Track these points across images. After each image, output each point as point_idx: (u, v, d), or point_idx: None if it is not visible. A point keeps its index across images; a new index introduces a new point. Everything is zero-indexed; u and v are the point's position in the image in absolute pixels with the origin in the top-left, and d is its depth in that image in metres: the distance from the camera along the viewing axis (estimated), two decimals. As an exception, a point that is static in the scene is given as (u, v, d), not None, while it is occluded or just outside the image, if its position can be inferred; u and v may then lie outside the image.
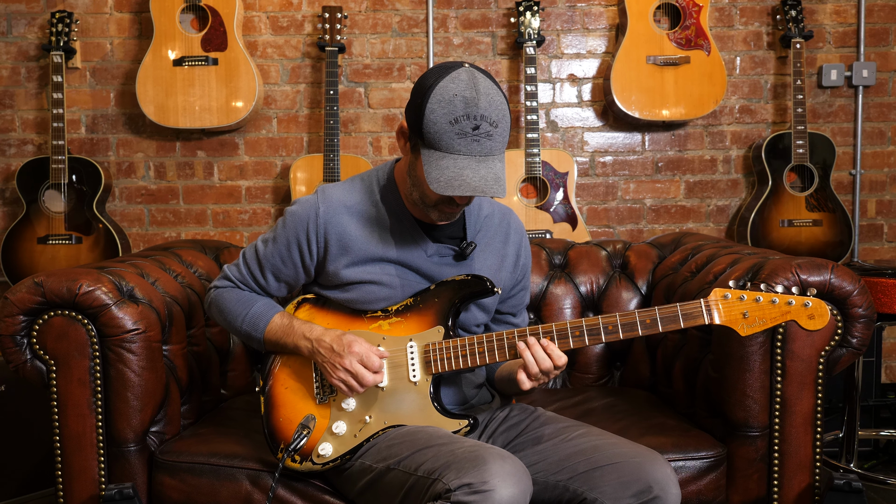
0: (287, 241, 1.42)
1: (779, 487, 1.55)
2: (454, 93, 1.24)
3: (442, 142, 1.25)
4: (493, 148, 1.26)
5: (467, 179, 1.24)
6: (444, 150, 1.25)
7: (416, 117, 1.27)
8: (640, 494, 1.23)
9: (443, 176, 1.24)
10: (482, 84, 1.26)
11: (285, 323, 1.42)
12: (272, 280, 1.46)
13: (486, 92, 1.25)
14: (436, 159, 1.25)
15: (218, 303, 1.49)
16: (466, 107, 1.23)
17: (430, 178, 1.25)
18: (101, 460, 1.55)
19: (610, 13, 2.71)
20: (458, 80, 1.25)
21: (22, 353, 1.54)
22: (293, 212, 1.42)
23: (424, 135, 1.26)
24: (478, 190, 1.24)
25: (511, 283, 1.52)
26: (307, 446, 1.40)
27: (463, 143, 1.24)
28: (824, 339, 1.52)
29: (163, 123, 2.55)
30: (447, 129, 1.24)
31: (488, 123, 1.24)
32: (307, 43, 2.72)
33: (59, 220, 2.55)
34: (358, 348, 1.35)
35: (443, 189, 1.24)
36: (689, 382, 1.73)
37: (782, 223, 2.57)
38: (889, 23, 2.71)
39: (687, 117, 2.58)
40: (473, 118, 1.23)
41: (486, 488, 1.14)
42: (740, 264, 1.64)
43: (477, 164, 1.25)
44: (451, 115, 1.24)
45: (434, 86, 1.26)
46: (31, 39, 2.72)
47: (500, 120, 1.26)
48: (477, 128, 1.24)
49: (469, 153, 1.25)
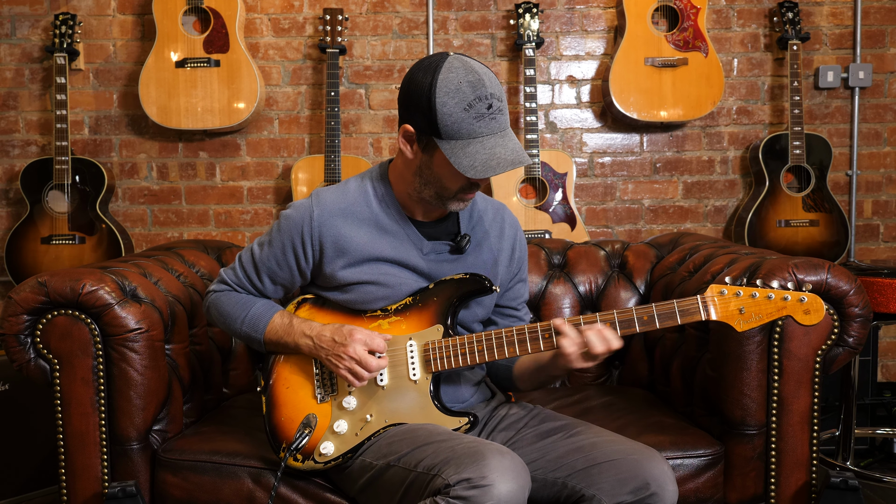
0: (282, 245, 1.42)
1: (776, 485, 1.56)
2: (458, 80, 1.27)
3: (463, 129, 1.27)
4: (505, 122, 1.31)
5: (501, 156, 1.27)
6: (468, 137, 1.28)
7: (426, 116, 1.28)
8: (638, 491, 1.23)
9: (476, 161, 1.27)
10: (476, 66, 1.30)
11: (285, 322, 1.43)
12: (268, 283, 1.47)
13: (484, 72, 1.30)
14: (461, 147, 1.28)
15: (217, 306, 1.49)
16: (475, 90, 1.27)
17: (462, 166, 1.27)
18: (105, 458, 1.55)
19: (608, 15, 2.73)
20: (455, 68, 1.28)
21: (26, 352, 1.54)
22: (288, 216, 1.43)
23: (441, 129, 1.28)
24: (515, 162, 1.28)
25: (508, 276, 1.53)
26: (309, 445, 1.40)
27: (483, 124, 1.27)
28: (821, 338, 1.53)
29: (165, 124, 2.57)
30: (464, 116, 1.27)
31: (497, 100, 1.29)
32: (308, 45, 2.74)
33: (62, 221, 2.56)
34: (360, 335, 1.36)
35: (482, 173, 1.27)
36: (687, 381, 1.74)
37: (779, 223, 2.58)
38: (885, 25, 2.72)
39: (685, 118, 2.60)
40: (485, 98, 1.27)
41: (484, 483, 1.15)
42: (738, 264, 1.65)
43: (503, 140, 1.29)
44: (463, 101, 1.26)
45: (434, 81, 1.27)
46: (34, 41, 2.74)
47: (502, 94, 1.31)
48: (490, 106, 1.28)
49: (491, 132, 1.29)
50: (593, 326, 1.30)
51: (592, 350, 1.29)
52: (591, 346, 1.29)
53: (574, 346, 1.31)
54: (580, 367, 1.34)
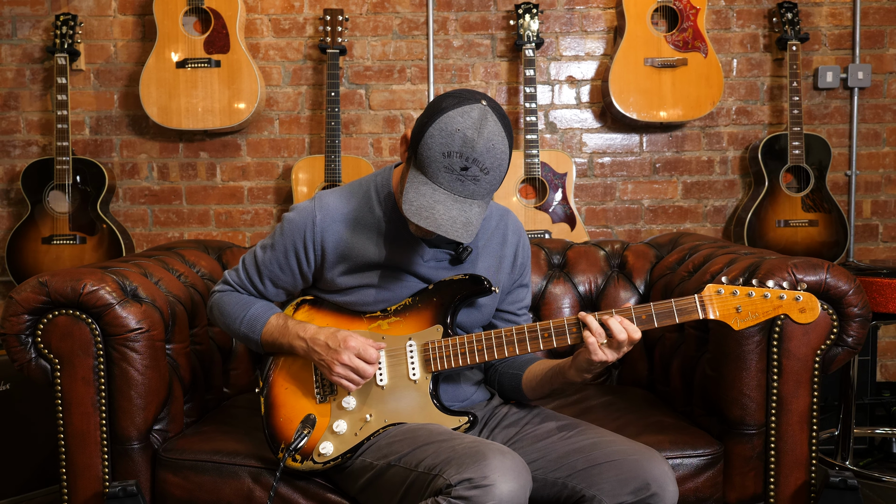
0: (284, 249, 1.43)
1: (775, 485, 1.56)
2: (457, 127, 1.23)
3: (429, 169, 1.25)
4: (475, 192, 1.25)
5: (435, 214, 1.23)
6: (428, 178, 1.25)
7: (418, 136, 1.28)
8: (639, 491, 1.24)
9: (416, 201, 1.24)
10: (489, 128, 1.24)
11: (280, 323, 1.44)
12: (270, 286, 1.48)
13: (489, 137, 1.24)
14: (418, 182, 1.26)
15: (218, 306, 1.51)
16: (463, 145, 1.23)
17: (405, 196, 1.25)
18: (105, 458, 1.56)
19: (608, 16, 2.74)
20: (468, 115, 1.24)
21: (27, 351, 1.55)
22: (290, 219, 1.43)
23: (417, 155, 1.27)
24: (440, 228, 1.23)
25: (510, 281, 1.53)
26: (308, 445, 1.41)
27: (447, 178, 1.24)
28: (820, 337, 1.53)
29: (166, 125, 2.57)
30: (438, 158, 1.24)
31: (479, 168, 1.23)
32: (309, 45, 2.74)
33: (63, 221, 2.57)
34: (354, 343, 1.36)
35: (409, 214, 1.24)
36: (687, 381, 1.75)
37: (779, 223, 2.59)
38: (884, 25, 2.73)
39: (684, 119, 2.60)
40: (465, 158, 1.23)
41: (486, 483, 1.15)
42: (737, 264, 1.65)
43: (452, 203, 1.24)
44: (446, 147, 1.23)
45: (444, 112, 1.25)
46: (35, 42, 2.74)
47: (493, 168, 1.24)
48: (465, 168, 1.23)
49: (450, 189, 1.24)
50: (615, 316, 1.30)
51: (616, 336, 1.28)
52: (615, 333, 1.28)
53: (595, 336, 1.28)
54: (602, 360, 1.30)
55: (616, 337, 1.28)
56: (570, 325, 1.33)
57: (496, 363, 1.52)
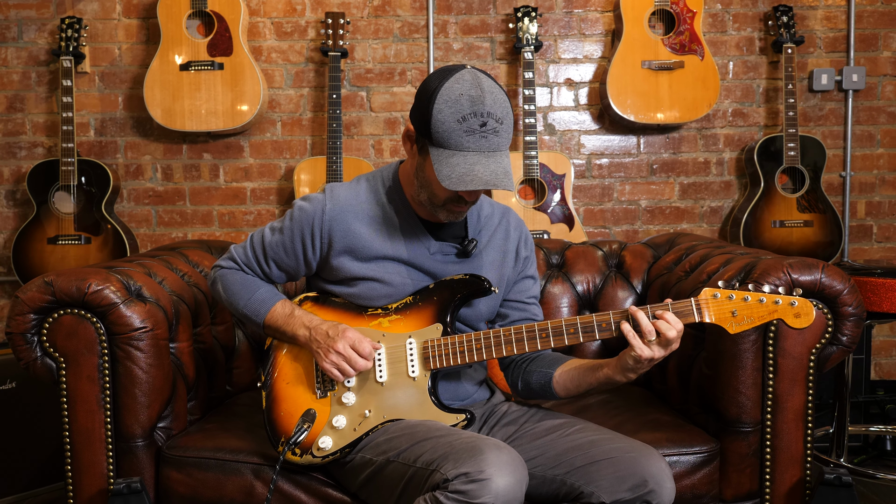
0: (292, 235, 1.45)
1: (771, 482, 1.57)
2: (460, 92, 1.27)
3: (451, 140, 1.28)
4: (499, 143, 1.29)
5: (478, 174, 1.27)
6: (454, 148, 1.28)
7: (424, 119, 1.30)
8: (636, 488, 1.25)
9: (454, 173, 1.27)
10: (486, 83, 1.29)
11: (287, 312, 1.46)
12: (274, 268, 1.50)
13: (490, 90, 1.29)
14: (445, 157, 1.29)
15: (223, 282, 1.52)
16: (473, 105, 1.27)
17: (440, 175, 1.28)
18: (110, 455, 1.57)
19: (606, 19, 2.76)
20: (463, 80, 1.29)
21: (32, 350, 1.56)
22: (301, 207, 1.46)
23: (433, 134, 1.29)
24: (489, 184, 1.27)
25: (514, 274, 1.55)
26: (307, 440, 1.42)
27: (471, 139, 1.27)
28: (815, 336, 1.54)
29: (170, 126, 2.60)
30: (455, 127, 1.27)
31: (494, 120, 1.28)
32: (310, 48, 2.76)
33: (68, 221, 2.59)
34: (351, 334, 1.38)
35: (455, 185, 1.27)
36: (683, 379, 1.75)
37: (774, 224, 2.61)
38: (878, 28, 2.75)
39: (681, 120, 2.62)
40: (480, 115, 1.27)
41: (482, 477, 1.16)
42: (733, 264, 1.66)
43: (486, 160, 1.28)
44: (458, 113, 1.27)
45: (439, 87, 1.29)
46: (41, 45, 2.76)
47: (504, 116, 1.29)
48: (484, 124, 1.27)
49: (478, 149, 1.28)
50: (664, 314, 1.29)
51: (665, 335, 1.27)
52: (663, 331, 1.27)
53: (646, 334, 1.27)
54: (648, 358, 1.28)
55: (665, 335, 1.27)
56: (568, 325, 1.35)
57: (522, 361, 1.52)
